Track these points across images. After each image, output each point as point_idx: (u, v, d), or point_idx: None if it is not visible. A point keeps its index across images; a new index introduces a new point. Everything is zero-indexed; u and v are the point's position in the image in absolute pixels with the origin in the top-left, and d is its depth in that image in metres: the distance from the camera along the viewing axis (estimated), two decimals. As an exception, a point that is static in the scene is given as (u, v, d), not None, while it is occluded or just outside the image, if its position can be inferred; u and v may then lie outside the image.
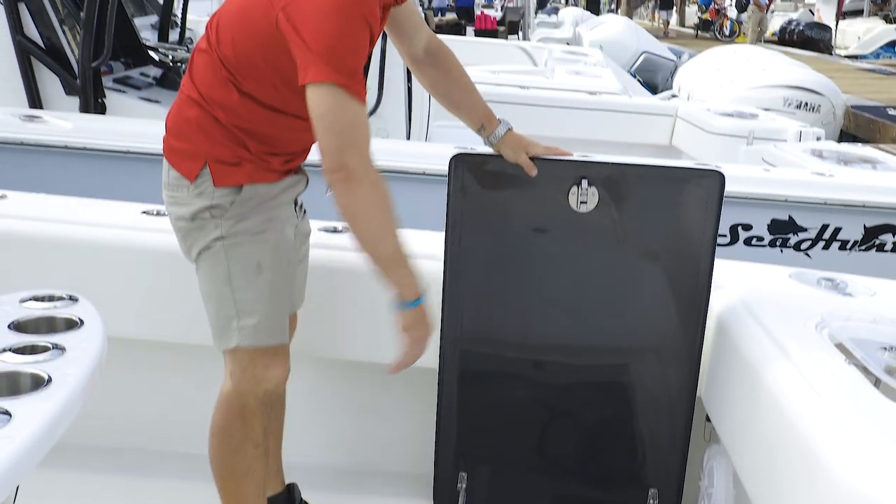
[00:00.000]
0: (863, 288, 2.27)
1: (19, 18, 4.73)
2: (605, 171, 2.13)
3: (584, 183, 2.11)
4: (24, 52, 4.75)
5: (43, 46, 4.77)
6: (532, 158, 2.13)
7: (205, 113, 1.94)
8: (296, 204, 2.11)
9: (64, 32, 4.82)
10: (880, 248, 4.18)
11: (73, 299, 1.58)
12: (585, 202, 2.13)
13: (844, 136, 8.95)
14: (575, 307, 2.23)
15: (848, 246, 4.21)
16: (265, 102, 1.91)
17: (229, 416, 2.01)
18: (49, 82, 4.83)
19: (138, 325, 2.35)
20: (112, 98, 4.88)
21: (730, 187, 4.02)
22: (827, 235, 4.22)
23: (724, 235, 4.23)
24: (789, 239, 4.24)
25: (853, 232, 4.19)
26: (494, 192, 2.19)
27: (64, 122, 4.29)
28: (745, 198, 4.14)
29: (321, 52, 1.73)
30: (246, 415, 2.00)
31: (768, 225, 4.23)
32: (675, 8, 26.99)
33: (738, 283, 2.27)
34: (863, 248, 4.19)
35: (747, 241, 4.25)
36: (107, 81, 4.92)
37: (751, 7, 18.14)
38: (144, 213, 2.53)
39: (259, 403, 2.01)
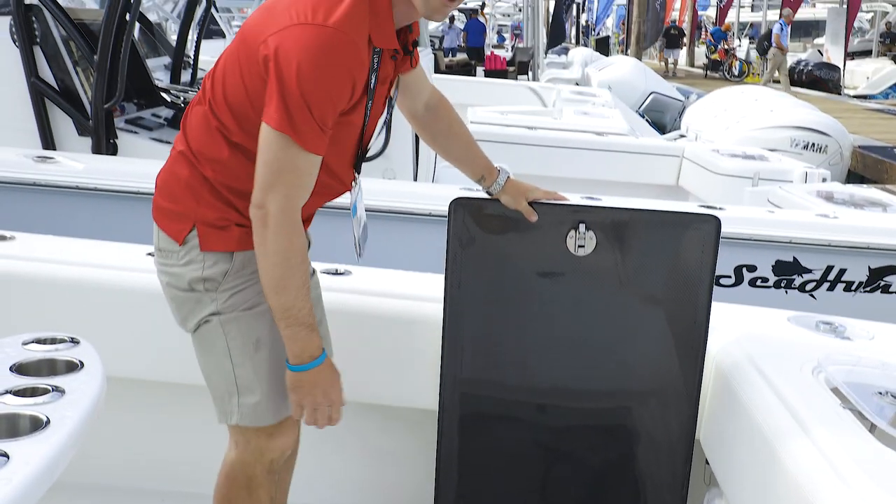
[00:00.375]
0: (862, 331, 2.28)
1: (34, 61, 4.83)
2: (602, 215, 2.16)
3: (582, 227, 2.14)
4: (39, 93, 4.84)
5: (57, 88, 4.86)
6: (531, 203, 2.16)
7: (194, 170, 1.88)
8: None
9: (77, 74, 4.91)
10: (885, 289, 4.17)
11: (74, 342, 1.61)
12: (583, 246, 2.15)
13: (852, 176, 8.98)
14: (574, 350, 2.25)
15: (853, 287, 4.20)
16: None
17: (234, 487, 1.97)
18: (62, 123, 4.91)
19: (141, 365, 2.38)
20: (124, 139, 4.95)
21: (734, 228, 4.11)
22: (832, 277, 4.22)
23: (729, 276, 4.24)
24: (794, 280, 4.25)
25: (858, 273, 4.19)
26: (493, 236, 2.21)
27: (76, 163, 4.34)
28: (749, 239, 4.16)
29: (289, 100, 1.69)
30: (252, 486, 1.96)
31: (773, 266, 4.24)
32: (681, 48, 27.18)
33: (737, 326, 2.28)
34: (868, 289, 4.19)
35: (752, 283, 4.26)
36: (119, 122, 5.00)
37: (772, 49, 18.19)
38: (149, 254, 2.56)
39: (265, 473, 1.96)
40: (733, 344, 2.16)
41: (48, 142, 4.90)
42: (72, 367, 1.52)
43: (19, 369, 1.51)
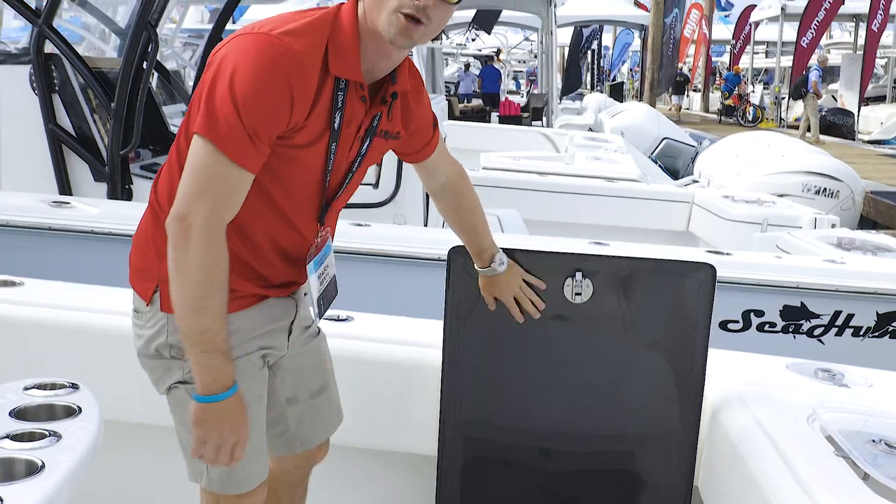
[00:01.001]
0: (860, 379, 2.28)
1: (53, 108, 4.94)
2: (598, 264, 2.19)
3: (579, 275, 2.17)
4: (56, 140, 4.94)
5: (74, 134, 4.96)
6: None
7: (158, 223, 1.74)
8: (290, 332, 1.94)
9: (94, 121, 5.02)
10: (893, 335, 4.16)
11: (74, 387, 1.65)
12: (580, 294, 2.18)
13: (865, 221, 8.97)
14: (573, 395, 2.26)
15: (861, 333, 4.19)
16: None
17: None
18: (79, 169, 5.00)
19: (140, 408, 2.40)
20: (139, 184, 5.03)
21: (741, 273, 4.13)
22: (840, 322, 4.21)
23: (737, 321, 4.24)
24: (802, 325, 4.24)
25: (866, 319, 4.18)
26: None
27: (91, 208, 4.41)
28: (757, 284, 4.17)
29: (217, 103, 1.59)
30: None
31: (780, 311, 4.24)
32: (686, 94, 27.34)
33: (735, 373, 2.29)
34: (876, 334, 4.17)
35: (760, 327, 4.26)
36: (134, 168, 5.09)
37: (810, 95, 18.21)
38: None
39: None
40: (731, 391, 2.17)
41: (65, 187, 4.98)
42: (70, 412, 1.56)
43: (19, 414, 1.54)
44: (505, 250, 2.21)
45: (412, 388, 2.38)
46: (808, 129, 17.75)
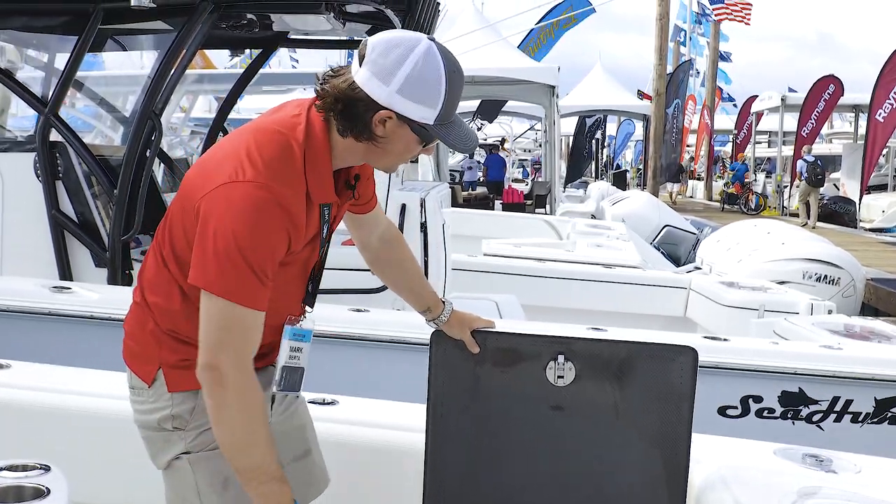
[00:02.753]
0: (849, 464, 2.26)
1: (56, 194, 5.01)
2: (580, 347, 2.19)
3: (561, 358, 2.18)
4: (59, 226, 4.99)
5: (76, 220, 5.01)
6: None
7: (151, 321, 1.89)
8: (273, 401, 2.01)
9: (97, 207, 5.08)
10: (892, 420, 4.12)
11: (45, 468, 1.65)
12: (563, 376, 2.18)
13: (867, 308, 8.95)
14: (555, 479, 2.24)
15: (860, 419, 4.16)
16: None
17: None
18: (80, 254, 5.05)
19: (115, 492, 2.40)
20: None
21: (739, 359, 4.12)
22: (838, 408, 4.18)
23: (735, 407, 4.22)
24: (801, 411, 4.21)
25: (865, 405, 4.15)
26: (475, 367, 2.24)
27: (91, 293, 4.43)
28: (755, 369, 4.16)
29: (226, 263, 1.69)
30: None
31: (779, 397, 4.21)
32: (680, 182, 27.62)
33: (721, 458, 2.27)
34: (875, 420, 4.14)
35: (759, 413, 4.23)
36: (135, 254, 5.13)
37: (803, 182, 18.39)
38: None
39: None
40: (716, 476, 2.15)
41: (65, 272, 5.02)
42: (38, 493, 1.56)
43: (-14, 496, 1.54)
44: (486, 333, 2.22)
45: (396, 471, 2.37)
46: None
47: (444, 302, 2.24)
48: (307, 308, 2.02)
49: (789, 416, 4.22)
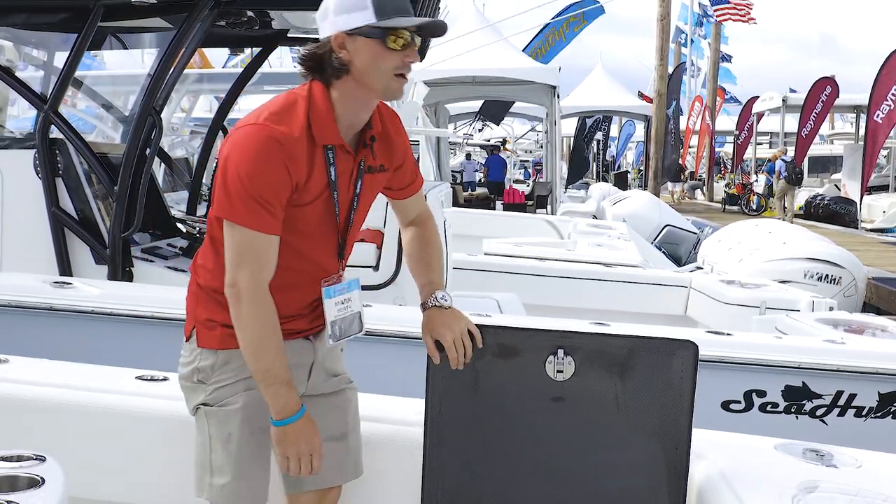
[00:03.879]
0: (849, 459, 2.24)
1: (56, 191, 4.99)
2: (580, 341, 2.18)
3: (560, 353, 2.16)
4: (59, 223, 4.98)
5: (76, 217, 5.00)
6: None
7: (196, 279, 2.19)
8: (311, 373, 2.24)
9: (97, 204, 5.07)
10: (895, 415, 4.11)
11: (40, 459, 1.64)
12: (562, 371, 2.16)
13: (868, 307, 8.93)
14: (555, 474, 2.22)
15: (863, 413, 4.14)
16: None
17: None
18: (79, 251, 5.04)
19: (112, 487, 2.39)
20: (140, 267, 5.05)
21: (742, 353, 4.10)
22: (842, 402, 4.16)
23: (739, 402, 4.20)
24: (804, 405, 4.19)
25: (868, 399, 4.13)
26: (474, 361, 2.22)
27: (92, 289, 4.42)
28: (758, 364, 4.14)
29: (232, 191, 1.98)
30: None
31: (782, 391, 4.20)
32: (681, 181, 27.63)
33: (722, 453, 2.25)
34: (878, 414, 4.12)
35: (762, 408, 4.21)
36: (135, 251, 5.12)
37: (781, 180, 18.46)
38: (138, 377, 2.60)
39: None
40: (716, 471, 2.14)
41: (66, 269, 5.01)
42: (33, 483, 1.55)
43: (-22, 486, 1.52)
44: (487, 327, 2.21)
45: (394, 466, 2.36)
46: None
47: (436, 297, 2.26)
48: (341, 263, 2.24)
49: (793, 410, 4.20)
